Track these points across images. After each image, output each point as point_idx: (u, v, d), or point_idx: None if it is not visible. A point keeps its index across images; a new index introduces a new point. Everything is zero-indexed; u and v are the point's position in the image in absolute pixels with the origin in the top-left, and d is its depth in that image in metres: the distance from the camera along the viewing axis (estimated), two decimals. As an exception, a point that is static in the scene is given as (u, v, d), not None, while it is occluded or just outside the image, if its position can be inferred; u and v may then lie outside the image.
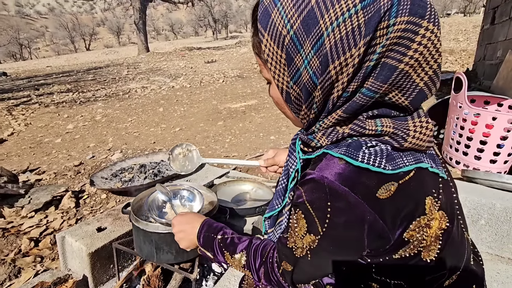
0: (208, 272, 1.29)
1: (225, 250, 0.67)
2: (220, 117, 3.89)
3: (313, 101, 0.47)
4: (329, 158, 0.45)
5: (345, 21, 0.39)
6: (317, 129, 0.49)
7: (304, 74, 0.45)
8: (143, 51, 15.60)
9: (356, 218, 0.42)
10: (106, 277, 1.29)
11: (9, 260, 1.40)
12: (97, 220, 1.39)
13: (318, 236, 0.46)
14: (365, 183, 0.42)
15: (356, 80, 0.42)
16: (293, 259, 0.52)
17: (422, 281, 0.50)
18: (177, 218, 0.81)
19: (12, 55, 45.56)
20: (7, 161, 2.86)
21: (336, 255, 0.48)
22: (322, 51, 0.42)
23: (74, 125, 3.99)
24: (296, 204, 0.49)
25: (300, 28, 0.42)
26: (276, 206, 0.68)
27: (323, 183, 0.43)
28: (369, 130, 0.45)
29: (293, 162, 0.62)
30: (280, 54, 0.45)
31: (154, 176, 1.98)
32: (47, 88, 7.21)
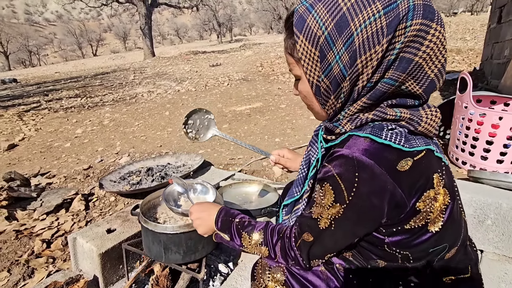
0: (215, 272, 1.31)
1: (242, 231, 0.72)
2: (226, 120, 3.92)
3: (341, 91, 0.55)
4: (355, 138, 0.54)
5: (371, 23, 0.49)
6: (342, 116, 0.58)
7: (335, 67, 0.53)
8: (149, 56, 15.80)
9: (379, 187, 0.50)
10: (116, 277, 1.32)
11: (23, 261, 1.44)
12: (106, 222, 1.42)
13: (344, 205, 0.53)
14: (387, 157, 0.51)
15: (379, 72, 0.52)
16: (316, 230, 0.58)
17: (426, 253, 0.58)
18: (195, 207, 0.86)
19: (21, 62, 46.61)
20: (19, 166, 2.94)
21: (357, 224, 0.55)
22: (352, 48, 0.51)
23: (83, 129, 4.07)
24: (323, 178, 0.55)
25: (333, 29, 0.51)
26: (295, 194, 0.75)
27: (351, 157, 0.51)
28: (389, 115, 0.54)
29: (314, 151, 0.71)
30: (314, 51, 0.54)
31: (161, 179, 2.01)
32: (56, 93, 7.36)
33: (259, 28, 70.28)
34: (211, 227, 0.80)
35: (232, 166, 2.44)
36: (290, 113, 3.95)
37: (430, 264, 0.60)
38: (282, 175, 2.20)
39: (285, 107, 4.26)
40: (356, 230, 0.57)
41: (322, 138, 0.67)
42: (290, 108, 4.20)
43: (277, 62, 8.40)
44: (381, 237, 0.58)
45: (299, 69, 0.60)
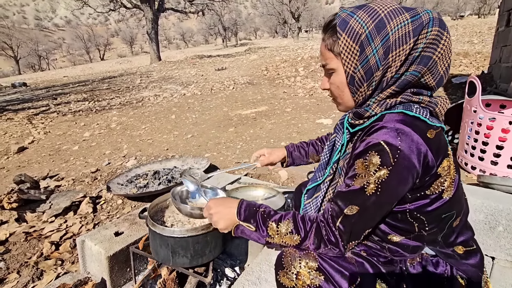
0: (221, 276, 1.31)
1: (269, 219, 0.74)
2: (231, 123, 3.94)
3: (374, 79, 0.68)
4: (390, 115, 0.67)
5: (402, 27, 0.63)
6: (372, 102, 0.71)
7: (371, 59, 0.66)
8: (155, 60, 15.99)
9: (417, 149, 0.61)
10: (123, 280, 1.32)
11: (32, 262, 1.46)
12: (114, 225, 1.44)
13: (390, 167, 0.61)
14: (419, 126, 0.64)
15: (405, 66, 0.65)
16: (361, 198, 0.64)
17: (439, 218, 0.69)
18: (213, 201, 0.85)
19: (31, 66, 47.55)
20: (29, 168, 2.99)
21: (400, 183, 0.62)
22: (387, 44, 0.64)
23: (91, 133, 4.13)
24: (366, 149, 0.64)
25: (373, 29, 0.65)
26: (318, 179, 0.85)
27: (392, 126, 0.63)
28: (414, 99, 0.68)
29: (340, 138, 0.82)
30: (354, 46, 0.66)
31: (168, 182, 2.03)
32: (65, 97, 7.49)
33: (264, 32, 70.62)
34: (232, 220, 0.79)
35: (238, 170, 2.44)
36: (296, 116, 3.95)
37: (441, 231, 0.71)
38: (288, 179, 2.19)
39: (290, 111, 4.26)
40: (399, 191, 0.64)
41: (348, 125, 0.78)
42: (296, 111, 4.20)
43: (282, 66, 8.42)
44: (403, 206, 0.68)
45: (336, 62, 0.71)
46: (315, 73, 6.95)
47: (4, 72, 48.91)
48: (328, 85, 0.77)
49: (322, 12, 53.99)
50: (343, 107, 0.78)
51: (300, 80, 6.54)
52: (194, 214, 1.05)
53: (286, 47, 15.06)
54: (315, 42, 14.46)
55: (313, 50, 10.81)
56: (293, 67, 7.86)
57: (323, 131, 3.26)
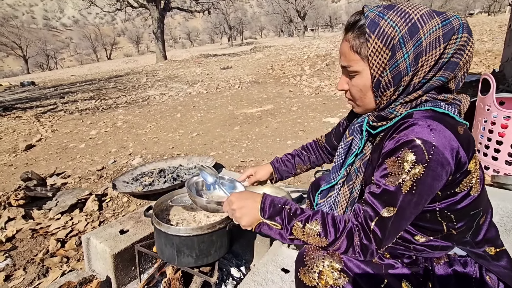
0: (227, 276, 1.29)
1: (295, 218, 0.70)
2: (237, 122, 3.92)
3: (401, 84, 0.66)
4: (418, 112, 0.66)
5: (434, 31, 0.62)
6: (395, 105, 0.69)
7: (402, 64, 0.64)
8: (161, 59, 16.06)
9: (450, 145, 0.60)
10: (128, 278, 1.31)
11: (38, 259, 1.46)
12: (119, 223, 1.43)
13: (425, 164, 0.59)
14: (449, 122, 0.63)
15: (433, 71, 0.64)
16: (398, 198, 0.62)
17: (467, 215, 0.68)
18: (235, 195, 0.79)
19: (40, 65, 48.26)
20: (36, 166, 3.01)
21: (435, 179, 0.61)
22: (419, 49, 0.63)
23: (97, 131, 4.15)
24: (397, 147, 0.62)
25: (406, 33, 0.63)
26: (332, 180, 0.84)
27: (423, 123, 0.61)
28: (440, 96, 0.68)
29: (357, 141, 0.80)
30: (385, 50, 0.64)
31: (173, 180, 2.02)
32: (72, 96, 7.56)
33: (270, 31, 70.45)
34: (255, 216, 0.74)
35: (243, 168, 2.42)
36: (301, 115, 3.91)
37: (470, 229, 0.70)
38: (295, 178, 2.16)
39: (296, 110, 4.22)
40: (434, 187, 0.62)
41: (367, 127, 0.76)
42: (302, 110, 4.16)
43: (288, 64, 8.38)
44: (432, 205, 0.67)
45: (362, 65, 0.69)
46: (321, 72, 6.89)
47: (13, 71, 49.75)
48: (347, 86, 0.75)
49: (328, 10, 53.61)
50: (362, 109, 0.76)
51: (306, 79, 6.49)
52: (210, 208, 0.98)
53: (292, 46, 14.98)
54: (321, 41, 14.34)
55: (319, 49, 10.73)
56: (299, 66, 7.81)
57: (329, 129, 3.22)
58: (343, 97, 4.77)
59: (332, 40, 13.00)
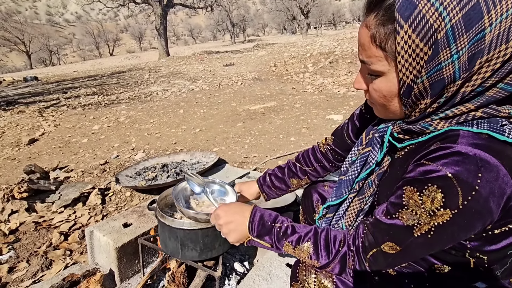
0: (230, 271, 1.29)
1: (285, 240, 0.64)
2: (239, 118, 3.91)
3: (443, 94, 0.47)
4: (466, 134, 0.46)
5: (507, 17, 0.40)
6: (433, 120, 0.51)
7: (446, 68, 0.44)
8: (164, 56, 16.05)
9: (500, 190, 0.43)
10: (132, 272, 1.31)
11: (41, 252, 1.46)
12: (123, 217, 1.42)
13: (455, 210, 0.44)
14: (510, 156, 0.44)
15: (497, 76, 0.44)
16: (407, 239, 0.50)
17: (504, 255, 0.52)
18: (223, 208, 0.73)
19: (42, 61, 48.38)
20: (39, 159, 3.02)
21: (463, 230, 0.47)
22: (479, 46, 0.42)
23: (100, 126, 4.15)
24: (424, 179, 0.47)
25: (460, 21, 0.41)
26: (343, 195, 0.71)
27: (473, 155, 0.43)
28: (502, 113, 0.46)
29: (375, 154, 0.64)
30: (422, 47, 0.45)
31: (176, 175, 2.01)
32: (74, 91, 7.57)
33: (273, 28, 70.22)
34: (244, 233, 0.68)
35: (247, 164, 2.41)
36: (305, 112, 3.89)
37: (502, 266, 0.55)
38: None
39: (300, 107, 4.21)
40: (459, 237, 0.48)
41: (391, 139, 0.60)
42: (305, 107, 4.14)
43: (290, 62, 8.34)
44: (464, 243, 0.53)
45: (387, 65, 0.50)
46: (324, 70, 6.85)
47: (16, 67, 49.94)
48: (365, 86, 0.57)
49: (331, 8, 53.32)
50: (385, 115, 0.59)
51: (309, 76, 6.46)
52: (200, 219, 0.95)
53: (295, 43, 14.92)
54: (324, 39, 14.27)
55: (322, 47, 10.67)
56: (301, 64, 7.77)
57: (333, 127, 3.20)
58: (346, 94, 4.74)
59: (335, 38, 12.92)
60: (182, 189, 1.09)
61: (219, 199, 1.08)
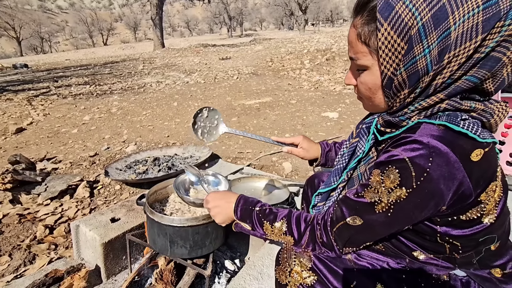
0: (220, 269, 1.26)
1: (264, 219, 0.71)
2: (234, 113, 3.86)
3: (418, 85, 0.54)
4: (427, 126, 0.53)
5: (469, 18, 0.47)
6: (411, 111, 0.57)
7: (420, 61, 0.51)
8: (159, 47, 15.78)
9: (450, 174, 0.50)
10: (119, 268, 1.27)
11: (25, 246, 1.41)
12: (111, 211, 1.38)
13: (410, 189, 0.51)
14: (462, 145, 0.50)
15: (463, 69, 0.50)
16: (369, 214, 0.57)
17: (476, 242, 0.58)
18: (212, 195, 0.84)
19: (33, 48, 47.10)
20: (26, 149, 2.92)
21: (417, 209, 0.54)
22: (446, 42, 0.48)
23: (90, 116, 4.05)
24: (387, 162, 0.54)
25: (429, 20, 0.48)
26: (332, 183, 0.77)
27: (426, 142, 0.50)
28: (464, 106, 0.53)
29: (362, 145, 0.71)
30: (399, 43, 0.51)
31: (168, 169, 1.96)
32: (66, 80, 7.38)
33: (270, 23, 69.71)
34: (230, 215, 0.78)
35: (240, 160, 2.38)
36: (300, 109, 3.86)
37: (478, 254, 0.60)
38: (292, 171, 2.13)
39: (295, 103, 4.17)
40: (414, 216, 0.55)
41: (375, 130, 0.67)
42: (301, 104, 4.11)
43: (287, 57, 8.28)
44: (434, 227, 0.58)
45: (371, 59, 0.57)
46: (321, 67, 6.82)
47: (6, 53, 48.52)
48: (355, 81, 0.63)
49: (329, 5, 53.11)
50: (372, 108, 0.66)
51: (306, 72, 6.42)
52: (198, 204, 1.07)
53: (292, 39, 14.82)
54: (321, 36, 14.20)
55: (319, 44, 10.62)
56: (298, 60, 7.72)
57: (328, 124, 3.18)
58: (342, 92, 4.72)
59: (333, 35, 12.88)
60: (182, 181, 1.20)
61: (213, 188, 1.17)
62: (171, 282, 1.09)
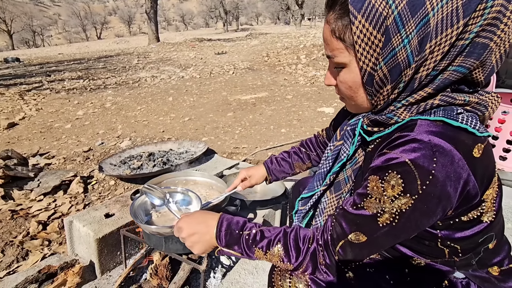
0: (216, 264, 1.26)
1: (255, 246, 0.61)
2: (230, 108, 3.83)
3: (401, 80, 0.50)
4: (423, 122, 0.49)
5: (448, 2, 0.43)
6: (397, 108, 0.53)
7: (400, 53, 0.47)
8: (154, 41, 15.58)
9: (456, 174, 0.45)
10: (113, 264, 1.26)
11: (18, 242, 1.39)
12: (105, 206, 1.36)
13: (415, 195, 0.46)
14: (464, 141, 0.46)
15: (448, 58, 0.46)
16: (372, 228, 0.51)
17: (476, 244, 0.55)
18: (185, 219, 0.68)
19: (25, 41, 46.17)
20: (18, 145, 2.88)
21: (425, 215, 0.48)
22: (425, 30, 0.45)
23: (84, 111, 4.00)
24: (385, 167, 0.48)
25: (405, 8, 0.45)
26: (316, 187, 0.73)
27: (428, 141, 0.46)
28: (458, 100, 0.49)
29: (347, 147, 0.66)
30: (375, 35, 0.47)
31: (163, 164, 1.95)
32: (59, 74, 7.26)
33: (266, 18, 69.18)
34: (211, 243, 0.64)
35: (236, 155, 2.37)
36: (296, 104, 3.85)
37: (477, 255, 0.57)
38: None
39: (291, 98, 4.16)
40: (422, 224, 0.49)
41: (361, 131, 0.61)
42: (297, 99, 4.10)
43: (283, 53, 8.23)
44: (434, 232, 0.55)
45: (348, 56, 0.53)
46: (317, 62, 6.80)
47: (-3, 47, 47.46)
48: (334, 81, 0.59)
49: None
50: (355, 108, 0.61)
51: (302, 68, 6.39)
52: (164, 233, 0.90)
53: (288, 34, 14.74)
54: (317, 30, 14.14)
55: (316, 38, 10.57)
56: (294, 55, 7.68)
57: (324, 119, 3.18)
58: (338, 87, 4.72)
59: (329, 30, 12.81)
60: (142, 203, 1.04)
61: (183, 208, 1.04)
62: (166, 277, 1.08)
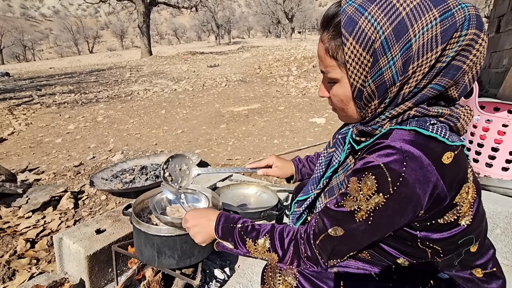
0: (210, 278, 1.24)
1: (246, 237, 0.69)
2: (223, 120, 3.86)
3: (387, 95, 0.56)
4: (399, 131, 0.55)
5: (428, 30, 0.50)
6: (382, 119, 0.59)
7: (386, 73, 0.53)
8: (146, 55, 15.67)
9: (425, 177, 0.51)
10: (104, 281, 1.23)
11: (4, 261, 1.35)
12: (96, 222, 1.34)
13: (387, 195, 0.52)
14: (433, 149, 0.52)
15: (427, 78, 0.53)
16: (349, 223, 0.57)
17: (456, 245, 0.60)
18: (191, 213, 0.80)
19: (15, 56, 45.84)
20: (6, 160, 2.82)
21: (397, 214, 0.54)
22: (408, 54, 0.51)
23: (75, 125, 3.96)
24: (363, 169, 0.55)
25: (391, 34, 0.51)
26: (310, 191, 0.78)
27: (399, 147, 0.52)
28: (432, 112, 0.56)
29: (338, 154, 0.73)
30: (365, 56, 0.53)
31: (156, 178, 1.94)
32: (49, 88, 7.20)
33: (257, 31, 70.62)
34: (210, 234, 0.75)
35: (229, 166, 2.37)
36: (288, 115, 3.90)
37: (458, 256, 0.62)
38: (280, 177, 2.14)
39: (283, 109, 4.21)
40: (395, 221, 0.55)
41: (351, 140, 0.68)
42: (289, 110, 4.16)
43: (275, 65, 8.38)
44: (414, 233, 0.59)
45: (340, 72, 0.59)
46: (308, 73, 6.93)
47: (-14, 62, 46.92)
48: (328, 93, 0.66)
49: (315, 14, 54.33)
50: (346, 119, 0.68)
51: (293, 79, 6.51)
52: (176, 224, 0.99)
53: (279, 46, 15.04)
54: (308, 43, 14.49)
55: (306, 51, 10.82)
56: (286, 67, 7.83)
57: (316, 130, 3.23)
58: (329, 98, 4.81)
59: (319, 42, 13.14)
60: (159, 200, 1.15)
61: (191, 205, 1.10)
62: (159, 294, 1.06)
